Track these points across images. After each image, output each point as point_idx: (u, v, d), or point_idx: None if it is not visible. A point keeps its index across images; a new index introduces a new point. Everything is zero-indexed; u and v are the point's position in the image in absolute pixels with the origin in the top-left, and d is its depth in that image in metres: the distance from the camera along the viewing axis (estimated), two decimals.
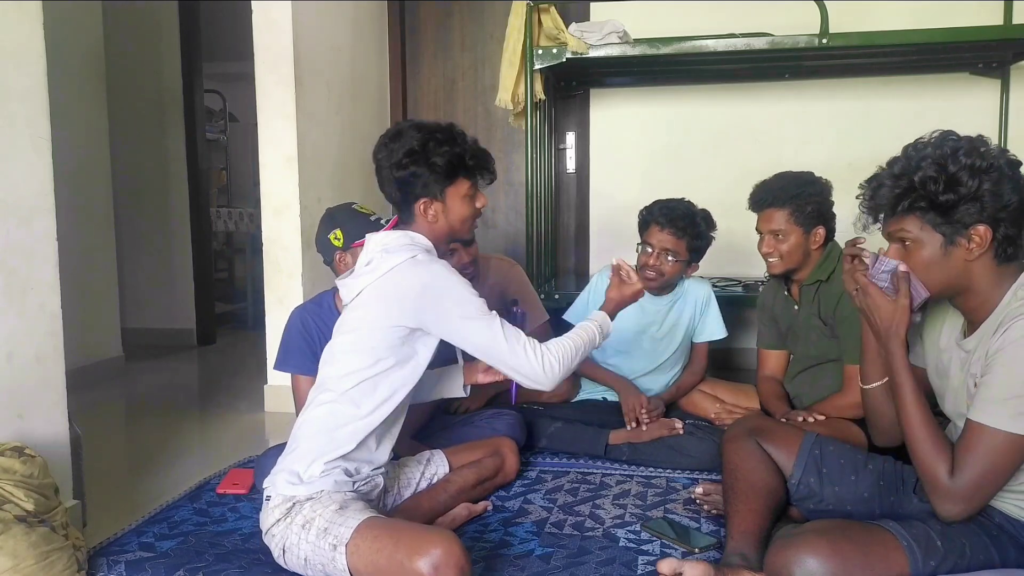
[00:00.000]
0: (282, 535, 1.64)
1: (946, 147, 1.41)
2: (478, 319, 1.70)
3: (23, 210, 1.83)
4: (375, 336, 1.71)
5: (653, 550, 1.84)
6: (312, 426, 1.73)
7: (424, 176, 1.73)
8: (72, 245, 2.55)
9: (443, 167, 1.74)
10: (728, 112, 3.80)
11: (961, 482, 1.38)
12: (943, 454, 1.41)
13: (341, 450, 1.69)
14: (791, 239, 2.24)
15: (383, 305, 1.71)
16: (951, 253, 1.42)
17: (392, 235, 1.77)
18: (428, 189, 1.75)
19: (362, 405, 1.71)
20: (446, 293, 1.70)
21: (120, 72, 4.30)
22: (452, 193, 1.78)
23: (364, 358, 1.71)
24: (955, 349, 1.53)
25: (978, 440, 1.36)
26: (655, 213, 2.53)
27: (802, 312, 2.34)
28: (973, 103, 3.58)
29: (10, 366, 1.81)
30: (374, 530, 1.54)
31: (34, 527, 1.57)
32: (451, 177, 1.76)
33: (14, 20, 1.81)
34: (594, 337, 1.86)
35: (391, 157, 1.75)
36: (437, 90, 4.18)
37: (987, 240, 1.39)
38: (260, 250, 3.25)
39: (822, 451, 1.81)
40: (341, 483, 1.68)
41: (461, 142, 1.78)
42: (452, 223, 1.80)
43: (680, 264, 2.53)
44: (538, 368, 1.71)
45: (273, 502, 1.68)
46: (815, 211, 2.24)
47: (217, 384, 3.94)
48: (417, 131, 1.76)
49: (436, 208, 1.77)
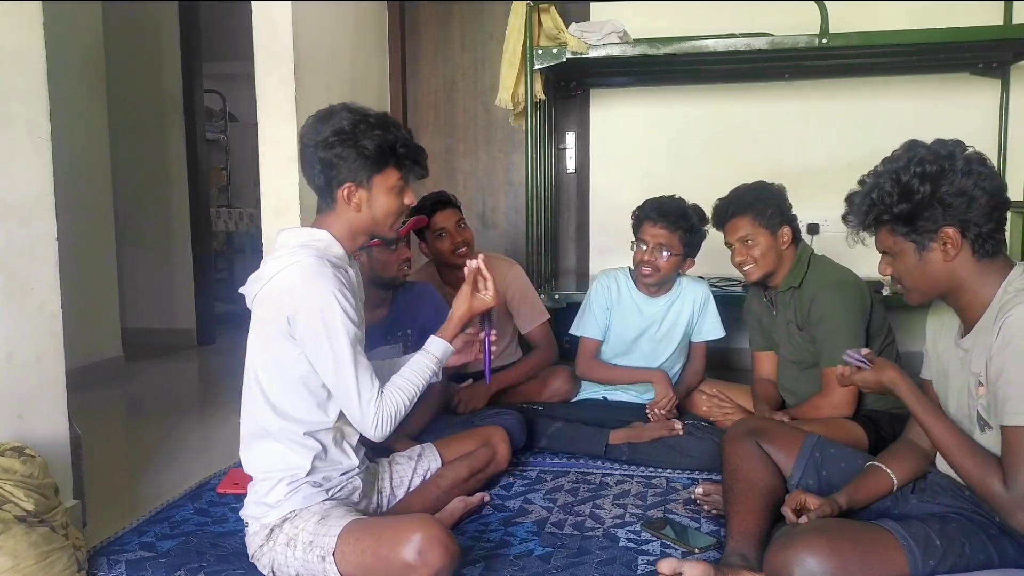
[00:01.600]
0: (268, 557, 1.64)
1: (905, 158, 1.44)
2: (336, 351, 1.60)
3: (23, 210, 1.83)
4: (279, 347, 1.65)
5: (653, 550, 1.84)
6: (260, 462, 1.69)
7: (351, 159, 1.64)
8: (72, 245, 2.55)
9: (372, 151, 1.65)
10: (728, 112, 3.80)
11: (1018, 491, 1.34)
12: (990, 467, 1.39)
13: (299, 472, 1.66)
14: (760, 242, 2.28)
15: (269, 315, 1.66)
16: (927, 258, 1.44)
17: (290, 233, 1.71)
18: (353, 174, 1.66)
19: (298, 421, 1.66)
20: (318, 314, 1.59)
21: (120, 72, 4.30)
22: (379, 182, 1.68)
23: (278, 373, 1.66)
24: (954, 350, 1.53)
25: (1018, 443, 1.34)
26: (647, 210, 2.55)
27: (780, 318, 2.38)
28: (973, 103, 3.58)
29: (10, 366, 1.81)
30: (355, 533, 1.54)
31: (34, 527, 1.58)
32: (379, 164, 1.67)
33: (14, 20, 1.81)
34: (431, 375, 1.76)
35: (317, 135, 1.66)
36: (437, 90, 4.18)
37: (958, 241, 1.41)
38: (260, 250, 3.25)
39: (823, 453, 1.81)
40: (311, 496, 1.66)
41: (395, 130, 1.69)
42: (375, 215, 1.70)
43: (676, 259, 2.53)
44: (368, 426, 1.64)
45: (251, 528, 1.68)
46: (776, 212, 2.30)
47: (217, 384, 3.94)
48: (349, 112, 1.67)
49: (360, 196, 1.68)
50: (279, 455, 1.67)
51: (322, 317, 1.60)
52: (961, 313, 1.50)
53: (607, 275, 2.72)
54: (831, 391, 2.19)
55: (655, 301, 2.66)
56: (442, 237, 2.76)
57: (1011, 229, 3.36)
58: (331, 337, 1.60)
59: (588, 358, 2.69)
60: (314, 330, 1.60)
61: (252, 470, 1.72)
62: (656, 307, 2.66)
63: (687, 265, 2.61)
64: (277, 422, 1.67)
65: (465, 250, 2.72)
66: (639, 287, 2.66)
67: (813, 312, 2.24)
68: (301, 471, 1.66)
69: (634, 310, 2.66)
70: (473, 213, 4.10)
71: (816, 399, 2.24)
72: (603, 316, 2.67)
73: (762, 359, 2.52)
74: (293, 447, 1.67)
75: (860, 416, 2.19)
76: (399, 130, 1.71)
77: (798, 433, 1.89)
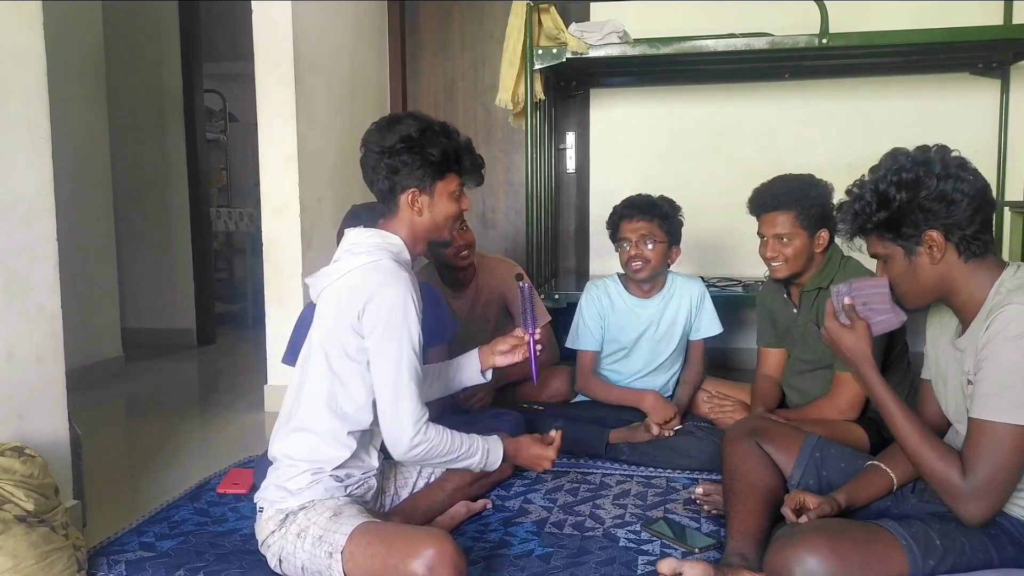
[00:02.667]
0: (278, 545, 1.63)
1: (884, 167, 1.46)
2: (396, 356, 1.62)
3: (23, 210, 1.83)
4: (346, 341, 1.66)
5: (653, 550, 1.84)
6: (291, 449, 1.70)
7: (416, 165, 1.69)
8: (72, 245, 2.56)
9: (437, 158, 1.70)
10: (728, 112, 3.80)
11: (975, 482, 1.37)
12: (950, 458, 1.41)
13: (327, 465, 1.68)
14: (796, 243, 2.21)
15: (339, 308, 1.67)
16: (915, 263, 1.46)
17: (363, 233, 1.73)
18: (418, 180, 1.71)
19: (343, 418, 1.68)
20: (390, 310, 1.62)
21: (120, 72, 4.30)
22: (441, 188, 1.74)
23: (335, 367, 1.68)
24: (951, 350, 1.54)
25: (982, 437, 1.37)
26: (619, 210, 2.59)
27: (801, 317, 2.33)
28: (973, 103, 3.58)
29: (10, 366, 1.81)
30: (367, 536, 1.54)
31: (34, 527, 1.57)
32: (443, 171, 1.73)
33: (14, 20, 1.81)
34: (476, 460, 1.76)
35: (383, 141, 1.70)
36: (437, 90, 4.18)
37: (942, 244, 1.42)
38: (260, 250, 3.25)
39: (823, 454, 1.81)
40: (332, 489, 1.67)
41: (456, 137, 1.76)
42: (436, 219, 1.76)
43: (662, 247, 2.53)
44: (405, 440, 1.64)
45: (266, 514, 1.68)
46: (819, 214, 2.20)
47: (217, 384, 3.94)
48: (415, 120, 1.72)
49: (423, 201, 1.73)
50: (314, 446, 1.68)
51: (395, 314, 1.62)
52: (958, 314, 1.51)
53: (595, 285, 2.72)
54: (838, 394, 2.17)
55: (648, 302, 2.65)
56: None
57: (1011, 229, 3.36)
58: (399, 337, 1.63)
59: (587, 373, 2.68)
60: (384, 324, 1.63)
61: (280, 454, 1.71)
62: (651, 308, 2.65)
63: (674, 254, 2.60)
64: (327, 420, 1.68)
65: (467, 252, 2.72)
66: (631, 290, 2.66)
67: None
68: (329, 465, 1.67)
69: (629, 314, 2.66)
70: (473, 213, 4.10)
71: (821, 401, 2.23)
72: (596, 327, 2.66)
73: (769, 355, 2.50)
74: (331, 442, 1.68)
75: (863, 418, 2.17)
76: (460, 137, 1.77)
77: (798, 433, 1.89)
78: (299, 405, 1.72)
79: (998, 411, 1.35)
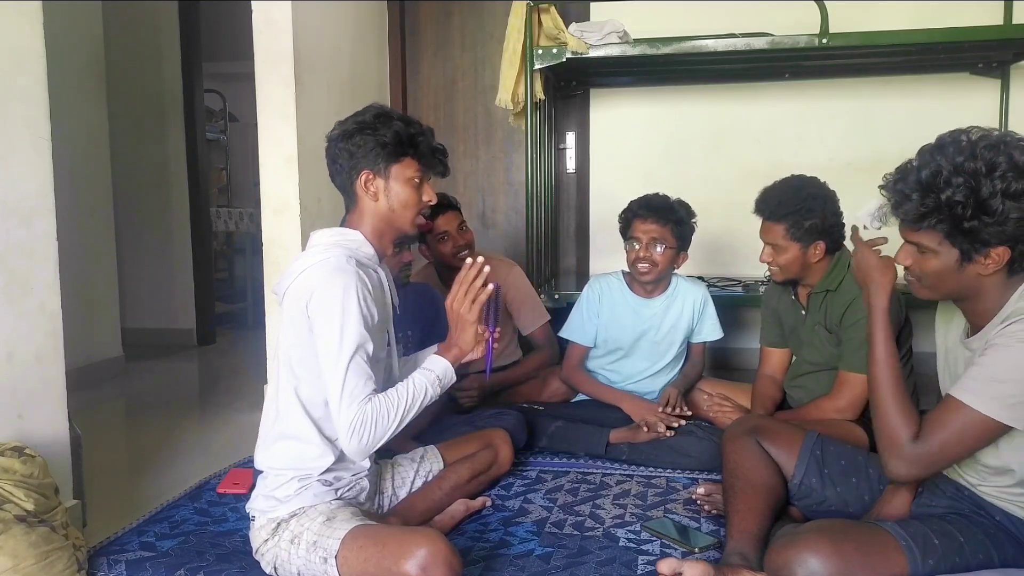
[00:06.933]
0: (272, 553, 1.64)
1: (979, 162, 1.34)
2: (339, 355, 1.59)
3: (23, 210, 1.83)
4: (306, 340, 1.64)
5: (653, 550, 1.84)
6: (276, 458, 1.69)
7: (369, 146, 1.69)
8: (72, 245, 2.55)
9: (390, 140, 1.69)
10: (728, 112, 3.80)
11: (923, 448, 1.42)
12: (911, 417, 1.46)
13: (313, 470, 1.67)
14: (787, 254, 2.22)
15: (293, 309, 1.66)
16: (965, 268, 1.42)
17: (324, 233, 1.73)
18: (371, 161, 1.69)
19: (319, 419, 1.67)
20: (330, 303, 1.60)
21: (120, 72, 4.30)
22: (396, 172, 1.71)
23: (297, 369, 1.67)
24: (960, 348, 1.54)
25: (950, 413, 1.40)
26: (635, 208, 2.56)
27: (809, 319, 2.32)
28: (973, 103, 3.58)
29: (10, 366, 1.81)
30: (359, 540, 1.53)
31: (34, 527, 1.57)
32: (397, 153, 1.70)
33: (14, 20, 1.81)
34: (429, 394, 1.71)
35: (341, 127, 1.73)
36: (437, 90, 4.18)
37: (1004, 260, 1.39)
38: (260, 250, 3.25)
39: (823, 451, 1.81)
40: (321, 494, 1.66)
41: (416, 125, 1.74)
42: (392, 205, 1.72)
43: (670, 252, 2.53)
44: (345, 439, 1.60)
45: (258, 523, 1.68)
46: (815, 226, 2.18)
47: (217, 384, 3.94)
48: (374, 108, 1.75)
49: (378, 185, 1.71)
50: (298, 453, 1.68)
51: (334, 307, 1.60)
52: (971, 317, 1.50)
53: (599, 280, 2.72)
54: (840, 393, 2.17)
55: (651, 302, 2.65)
56: (444, 240, 2.76)
57: None
58: (340, 327, 1.59)
59: (574, 365, 2.69)
60: (324, 318, 1.61)
61: (265, 465, 1.71)
62: (652, 308, 2.65)
63: (681, 259, 2.60)
64: (306, 424, 1.67)
65: (467, 253, 2.72)
66: (634, 289, 2.66)
67: (848, 316, 2.18)
68: (316, 470, 1.67)
69: (629, 312, 2.65)
70: (473, 213, 4.10)
71: (822, 400, 2.22)
72: (592, 323, 2.66)
73: (771, 354, 2.50)
74: (314, 447, 1.68)
75: (863, 419, 2.15)
76: (420, 126, 1.75)
77: (798, 431, 1.88)
78: (278, 412, 1.71)
79: (977, 396, 1.37)
